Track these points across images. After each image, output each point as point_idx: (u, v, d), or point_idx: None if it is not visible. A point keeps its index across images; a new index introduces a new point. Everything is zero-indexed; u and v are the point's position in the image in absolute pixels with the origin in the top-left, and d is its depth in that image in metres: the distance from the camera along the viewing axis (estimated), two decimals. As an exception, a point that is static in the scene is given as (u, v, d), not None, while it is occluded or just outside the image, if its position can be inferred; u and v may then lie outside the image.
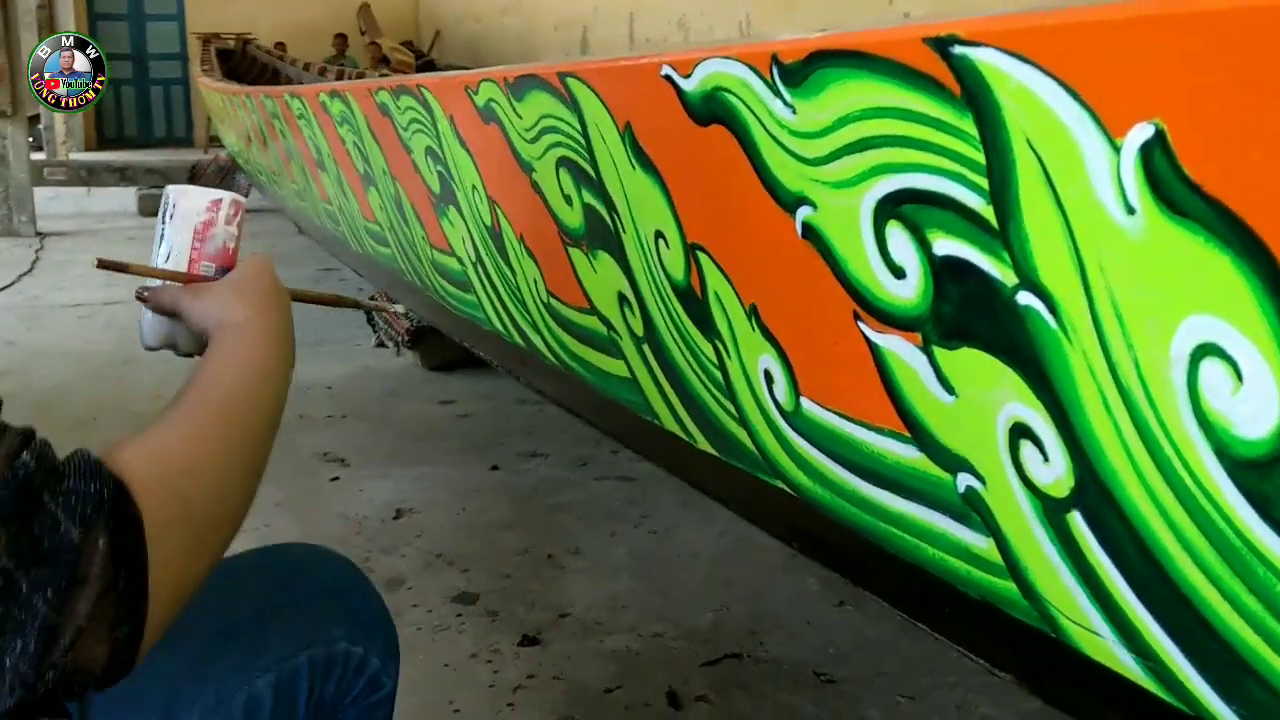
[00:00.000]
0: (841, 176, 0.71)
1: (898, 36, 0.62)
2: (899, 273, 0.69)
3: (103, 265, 0.87)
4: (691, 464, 1.13)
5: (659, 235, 0.99)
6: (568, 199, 1.17)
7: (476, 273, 1.60)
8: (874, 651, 1.91)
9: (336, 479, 2.81)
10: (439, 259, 1.80)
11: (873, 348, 0.74)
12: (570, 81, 1.05)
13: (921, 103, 0.62)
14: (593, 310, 1.22)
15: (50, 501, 0.53)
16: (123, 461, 0.58)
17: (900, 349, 0.72)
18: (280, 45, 12.14)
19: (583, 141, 1.08)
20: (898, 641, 1.94)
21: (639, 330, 1.12)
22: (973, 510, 0.71)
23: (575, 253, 1.20)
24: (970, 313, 0.64)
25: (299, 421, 3.26)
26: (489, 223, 1.46)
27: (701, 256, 0.94)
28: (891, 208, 0.67)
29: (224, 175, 8.42)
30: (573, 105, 1.07)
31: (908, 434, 0.74)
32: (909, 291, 0.69)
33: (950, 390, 0.68)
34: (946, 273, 0.65)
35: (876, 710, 1.74)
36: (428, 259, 1.88)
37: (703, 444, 1.07)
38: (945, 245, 0.64)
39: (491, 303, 1.58)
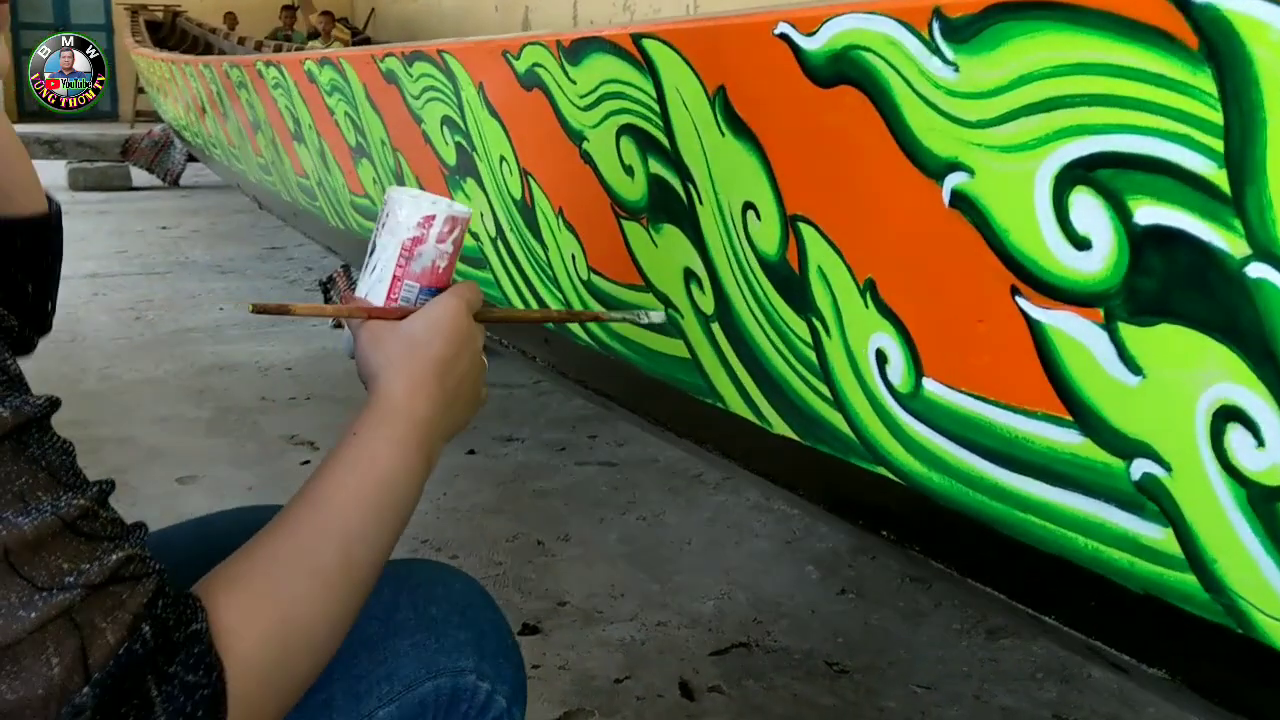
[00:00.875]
0: (1013, 140, 0.66)
1: (1119, -15, 0.57)
2: (1082, 244, 0.64)
3: (259, 310, 0.77)
4: (761, 449, 1.08)
5: (749, 206, 0.94)
6: (629, 169, 1.11)
7: (495, 249, 1.53)
8: (882, 640, 1.88)
9: (307, 462, 2.72)
10: (446, 234, 1.73)
11: (1033, 325, 0.70)
12: (648, 44, 0.99)
13: (1142, 57, 0.57)
14: (648, 287, 1.16)
15: (154, 689, 0.51)
16: (232, 640, 0.55)
17: (1071, 326, 0.67)
18: (231, 16, 11.83)
19: (655, 108, 1.02)
20: (902, 630, 1.91)
21: (708, 308, 1.06)
22: (1148, 499, 0.66)
23: (632, 226, 1.14)
24: (1178, 286, 0.60)
25: (261, 404, 3.15)
26: (518, 196, 1.39)
27: (805, 229, 0.88)
28: (1081, 173, 0.63)
29: (159, 149, 8.18)
30: (647, 69, 1.01)
31: (1069, 418, 0.70)
32: (1094, 264, 0.64)
33: (1136, 370, 0.64)
34: (1150, 243, 0.60)
35: (894, 701, 1.70)
36: (431, 234, 1.80)
37: (780, 428, 1.01)
38: (1151, 213, 0.60)
39: (512, 280, 1.52)
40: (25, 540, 0.48)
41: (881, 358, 0.85)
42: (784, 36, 0.82)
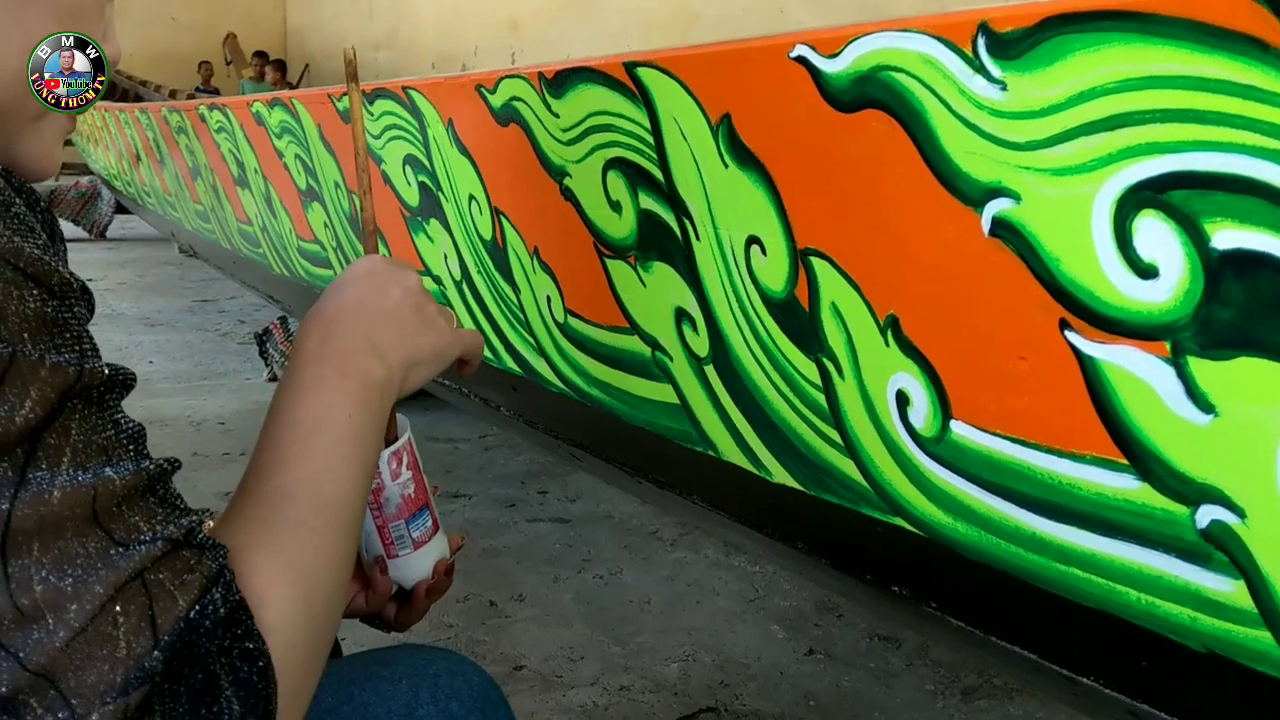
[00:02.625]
0: (1068, 162, 0.62)
1: (1201, -10, 0.53)
2: (1147, 272, 0.60)
3: None
4: (757, 499, 1.02)
5: (752, 241, 0.89)
6: (615, 205, 1.05)
7: (460, 292, 1.47)
8: (855, 703, 1.82)
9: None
10: (404, 279, 1.66)
11: (1084, 361, 0.65)
12: (642, 72, 0.94)
13: (1228, 67, 0.53)
14: (633, 329, 1.10)
15: (219, 658, 0.51)
16: (271, 618, 0.55)
17: (1130, 361, 0.62)
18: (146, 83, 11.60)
19: (649, 140, 0.97)
20: (876, 692, 1.85)
21: (701, 350, 1.00)
22: (1215, 548, 0.62)
23: (617, 265, 1.09)
24: (1262, 316, 0.55)
25: (194, 459, 3.03)
26: (488, 236, 1.33)
27: (817, 263, 0.83)
28: (1150, 195, 0.58)
29: (86, 201, 8.00)
30: (641, 99, 0.96)
31: (1124, 461, 0.65)
32: (1161, 293, 0.59)
33: (1207, 408, 0.59)
34: (1229, 269, 0.56)
35: (872, 767, 1.64)
36: (387, 279, 1.73)
37: (781, 477, 0.96)
38: (1232, 236, 0.55)
39: (477, 324, 1.45)
40: (114, 492, 0.49)
41: (903, 399, 0.80)
42: (801, 59, 0.77)
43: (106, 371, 0.51)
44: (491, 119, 1.22)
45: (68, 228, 8.24)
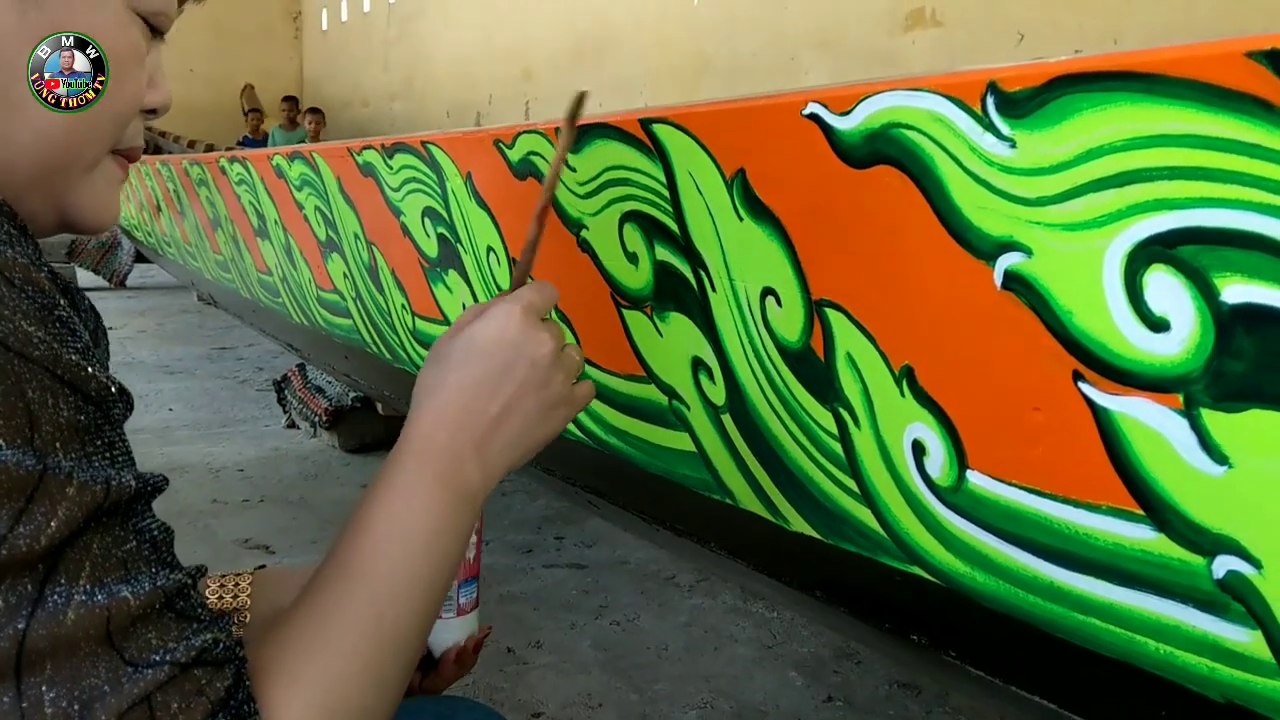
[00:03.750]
0: (1078, 217, 0.63)
1: (1205, 53, 0.54)
2: (1158, 325, 0.61)
3: None
4: (775, 548, 1.03)
5: (768, 293, 0.90)
6: (632, 257, 1.07)
7: (477, 342, 1.48)
8: (875, 751, 1.80)
9: (262, 566, 2.61)
10: (422, 329, 1.68)
11: (1098, 412, 0.66)
12: (658, 128, 0.96)
13: (1234, 127, 0.54)
14: (650, 378, 1.11)
15: None
16: None
17: (1144, 413, 0.63)
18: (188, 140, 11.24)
19: (665, 194, 0.98)
20: (895, 739, 1.84)
21: (718, 399, 1.01)
22: (1233, 599, 0.62)
23: (634, 316, 1.10)
24: (1272, 368, 0.56)
25: (213, 506, 3.04)
26: (506, 287, 1.34)
27: (832, 315, 0.84)
28: (1159, 250, 0.59)
29: (106, 250, 8.07)
30: (656, 154, 0.97)
31: (1140, 511, 0.65)
32: (1172, 346, 0.60)
33: (1221, 459, 0.60)
34: (1239, 322, 0.57)
35: (893, 815, 1.63)
36: (406, 329, 1.75)
37: (798, 525, 0.96)
38: (1241, 291, 0.56)
39: (495, 374, 1.46)
40: (128, 612, 0.48)
41: (919, 449, 0.81)
42: (814, 116, 0.79)
43: (134, 485, 0.51)
44: (509, 173, 1.24)
45: (87, 276, 8.33)
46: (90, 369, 0.50)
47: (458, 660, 0.84)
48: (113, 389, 0.51)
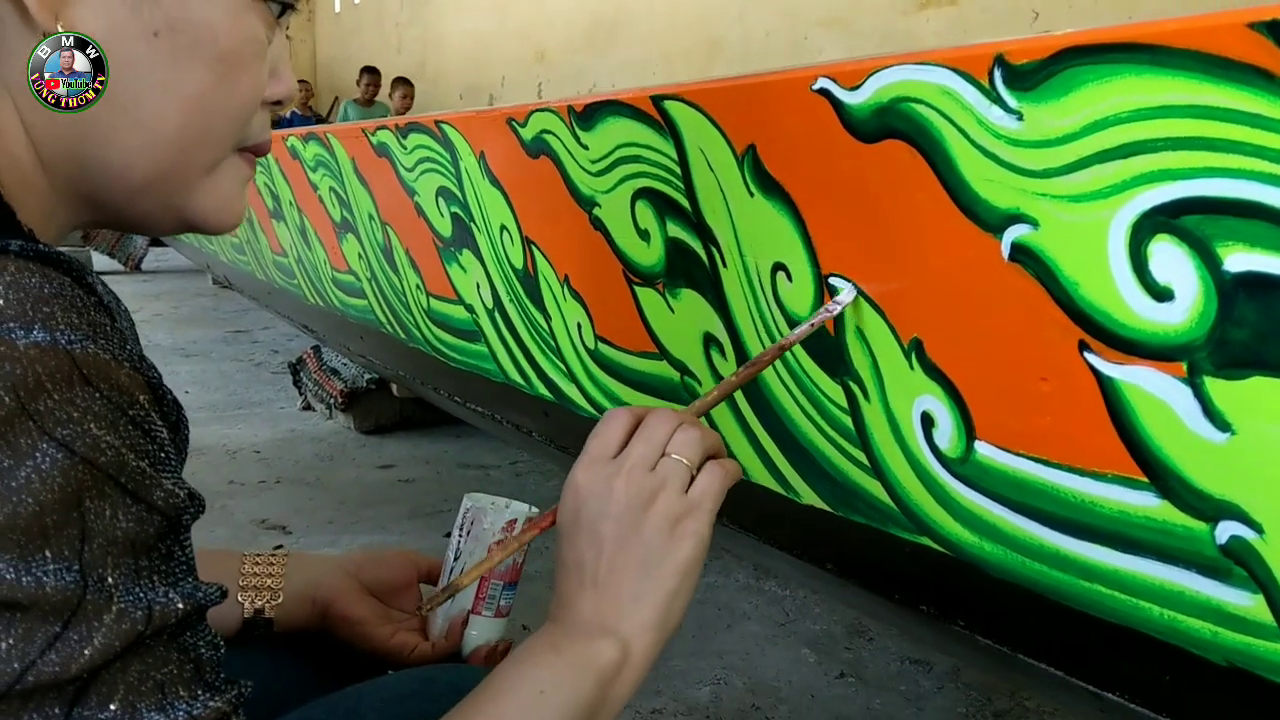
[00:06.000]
0: (1084, 188, 0.64)
1: (1208, 24, 0.55)
2: (1162, 294, 0.62)
3: (430, 607, 0.80)
4: (786, 521, 1.04)
5: (779, 268, 0.91)
6: (644, 234, 1.08)
7: (491, 321, 1.50)
8: (886, 726, 1.82)
9: (279, 547, 2.63)
10: (437, 308, 1.69)
11: (1104, 382, 0.67)
12: (669, 105, 0.97)
13: (1236, 97, 0.55)
14: (662, 354, 1.12)
15: None
16: None
17: (1148, 382, 0.64)
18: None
19: (676, 170, 0.99)
20: (906, 714, 1.85)
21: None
22: (1235, 563, 0.63)
23: (646, 292, 1.11)
24: (1274, 336, 0.57)
25: (230, 487, 3.07)
26: (519, 266, 1.36)
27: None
28: (1163, 220, 0.60)
29: (120, 235, 8.10)
30: (668, 130, 0.98)
31: (1145, 479, 0.66)
32: (1176, 315, 0.61)
33: (1223, 426, 0.61)
34: (1242, 291, 0.58)
35: (905, 789, 1.64)
36: (421, 309, 1.76)
37: (809, 498, 0.97)
38: (1244, 260, 0.57)
39: (509, 352, 1.48)
40: None
41: (928, 421, 0.82)
42: (823, 91, 0.80)
43: (181, 609, 0.48)
44: (522, 151, 1.25)
45: (103, 260, 8.38)
46: (158, 478, 0.47)
47: (487, 659, 0.85)
48: (182, 495, 0.49)
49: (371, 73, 8.75)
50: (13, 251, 0.46)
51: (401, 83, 8.77)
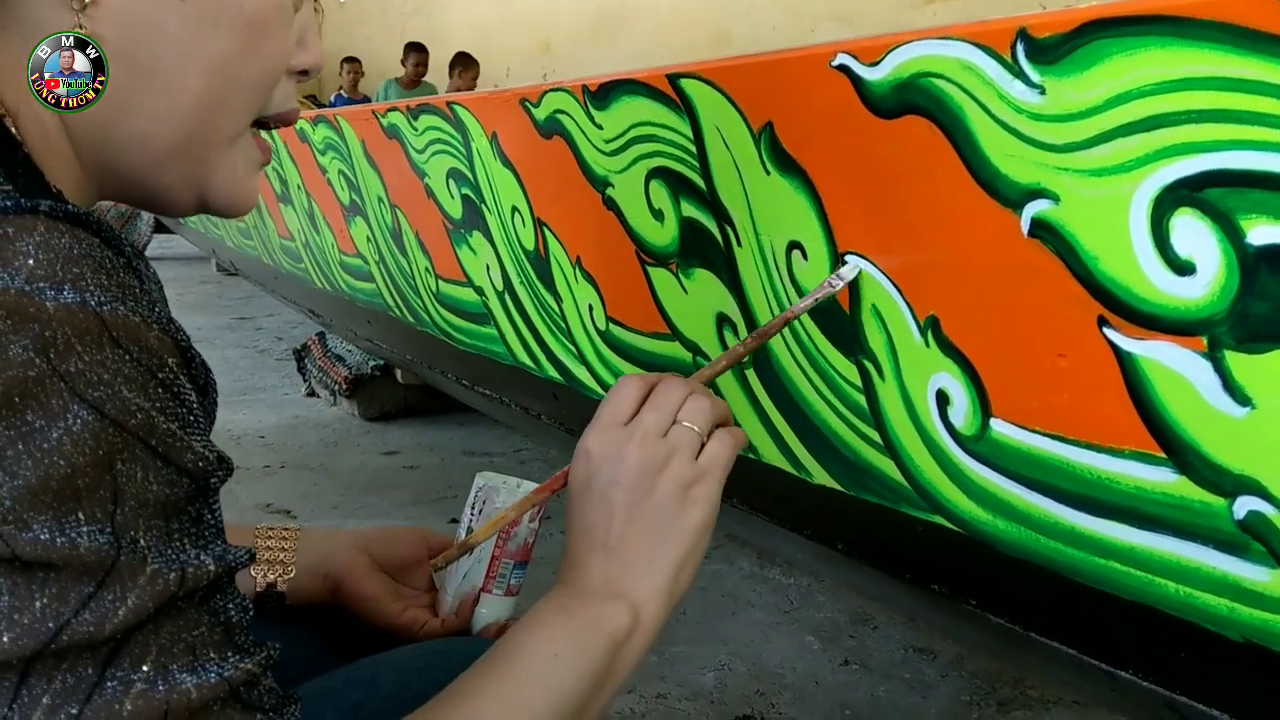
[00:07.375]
0: (1106, 163, 0.64)
1: (1235, -6, 0.55)
2: (1183, 268, 0.62)
3: (442, 565, 0.79)
4: (798, 501, 1.04)
5: (794, 246, 0.91)
6: (658, 213, 1.08)
7: (501, 303, 1.50)
8: (890, 712, 1.82)
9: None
10: (447, 291, 1.69)
11: (1123, 357, 0.67)
12: (685, 83, 0.97)
13: (1263, 69, 0.55)
14: (674, 335, 1.12)
15: None
16: None
17: (1168, 357, 0.64)
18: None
19: (691, 149, 0.99)
20: (911, 702, 1.86)
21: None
22: (1253, 538, 0.63)
23: (659, 273, 1.11)
24: (1297, 309, 0.57)
25: (235, 472, 3.07)
26: (530, 247, 1.35)
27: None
28: (1186, 194, 0.60)
29: (125, 221, 8.09)
30: (684, 109, 0.98)
31: (1162, 455, 0.66)
32: (1197, 290, 0.61)
33: (1244, 401, 0.61)
34: (1265, 264, 0.58)
35: (911, 777, 1.65)
36: (430, 292, 1.76)
37: (821, 478, 0.98)
38: (1268, 232, 0.57)
39: (519, 334, 1.48)
40: (188, 704, 0.46)
41: (943, 399, 0.82)
42: (843, 68, 0.80)
43: (212, 570, 0.48)
44: (535, 132, 1.25)
45: (107, 247, 8.35)
46: (188, 440, 0.47)
47: (496, 637, 0.85)
48: (211, 458, 0.49)
49: (419, 50, 7.56)
50: (43, 211, 0.46)
51: (462, 58, 7.32)
